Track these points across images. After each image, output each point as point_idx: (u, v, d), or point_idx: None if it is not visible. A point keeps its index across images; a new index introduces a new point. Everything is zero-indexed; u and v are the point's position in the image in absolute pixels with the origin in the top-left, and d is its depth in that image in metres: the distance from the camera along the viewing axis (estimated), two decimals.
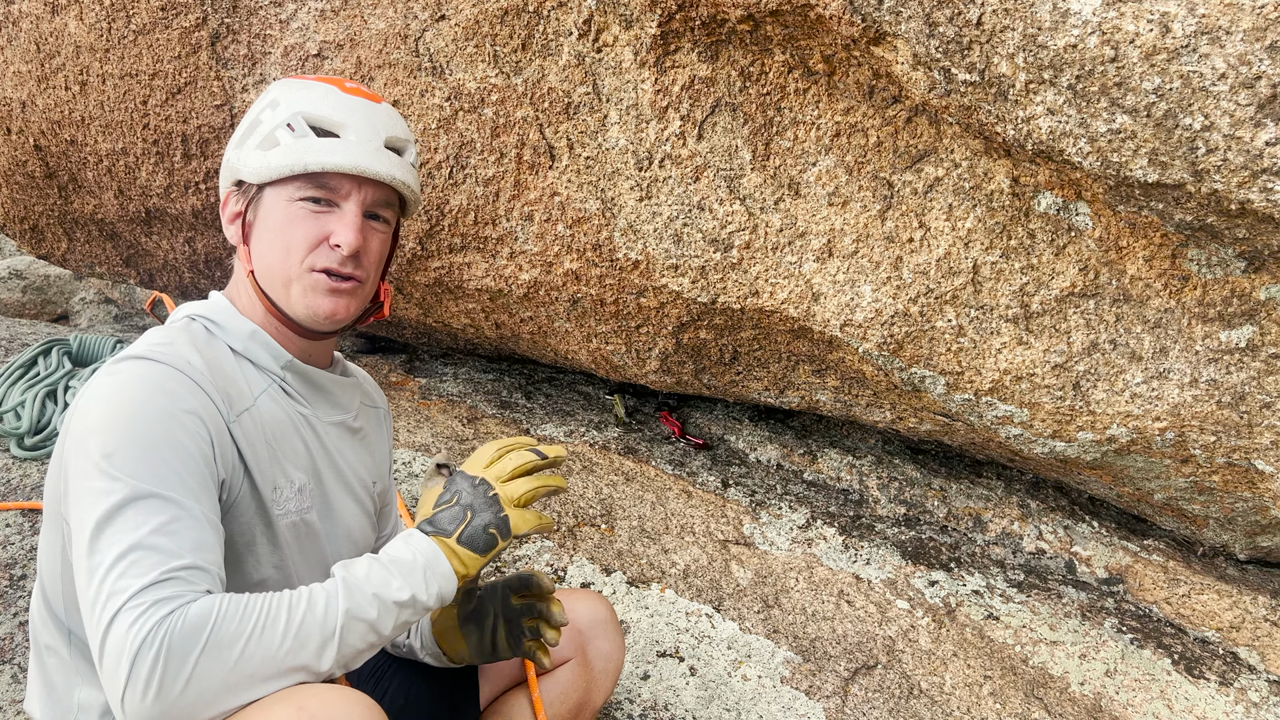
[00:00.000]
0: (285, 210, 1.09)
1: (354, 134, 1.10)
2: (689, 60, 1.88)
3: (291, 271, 1.10)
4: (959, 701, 1.87)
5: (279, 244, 1.10)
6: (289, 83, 1.15)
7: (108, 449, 0.90)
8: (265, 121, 1.10)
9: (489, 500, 1.06)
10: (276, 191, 1.10)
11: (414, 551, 1.00)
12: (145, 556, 0.86)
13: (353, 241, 1.09)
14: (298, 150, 1.08)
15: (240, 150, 1.12)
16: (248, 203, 1.13)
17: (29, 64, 2.63)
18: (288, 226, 1.09)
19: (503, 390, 3.28)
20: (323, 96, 1.12)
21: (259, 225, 1.12)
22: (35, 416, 2.35)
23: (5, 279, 4.99)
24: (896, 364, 2.01)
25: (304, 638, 0.89)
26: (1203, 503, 2.10)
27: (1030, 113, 1.47)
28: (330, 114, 1.10)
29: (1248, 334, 1.68)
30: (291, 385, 1.14)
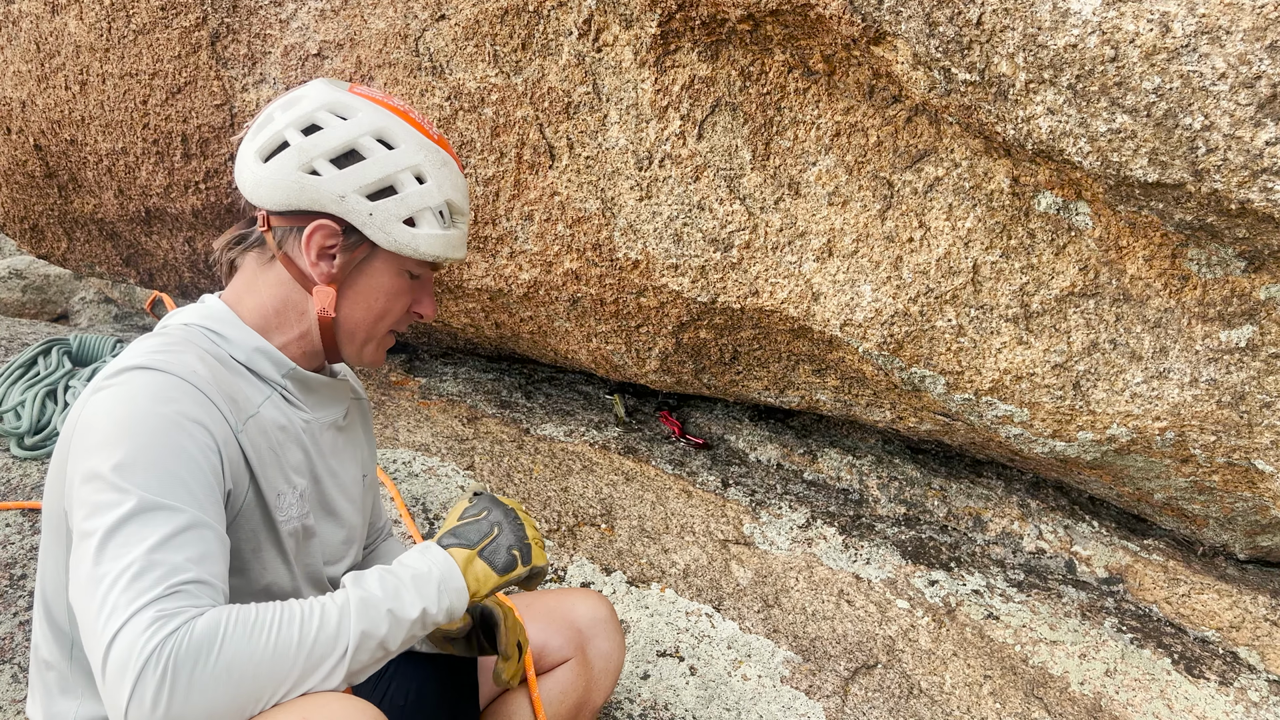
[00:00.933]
0: (395, 281, 1.15)
1: (464, 222, 1.20)
2: (689, 60, 1.88)
3: (377, 333, 1.17)
4: (959, 701, 1.87)
5: (377, 308, 1.15)
6: (420, 140, 1.12)
7: (114, 460, 0.89)
8: (410, 194, 1.10)
9: (517, 524, 1.11)
10: (391, 259, 1.13)
11: (429, 564, 1.01)
12: (150, 570, 0.85)
13: (434, 314, 1.23)
14: (446, 244, 1.15)
15: (373, 205, 1.08)
16: (352, 253, 1.11)
17: (29, 64, 2.63)
18: (395, 297, 1.16)
19: (503, 390, 3.28)
20: (455, 180, 1.16)
21: (360, 280, 1.13)
22: (35, 416, 2.35)
23: (5, 278, 4.99)
24: (896, 364, 2.01)
25: (317, 656, 0.89)
26: (1203, 502, 2.10)
27: (1030, 112, 1.47)
28: (462, 203, 1.17)
29: (1248, 334, 1.68)
30: (291, 392, 1.14)
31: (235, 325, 1.10)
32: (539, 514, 2.31)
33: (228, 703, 0.83)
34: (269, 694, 0.86)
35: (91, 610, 0.85)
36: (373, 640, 0.93)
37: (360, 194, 1.08)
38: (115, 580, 0.84)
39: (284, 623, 0.89)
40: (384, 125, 1.10)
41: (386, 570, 0.99)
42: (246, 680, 0.84)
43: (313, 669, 0.88)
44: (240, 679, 0.84)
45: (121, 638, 0.82)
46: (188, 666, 0.82)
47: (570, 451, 2.75)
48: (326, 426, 1.20)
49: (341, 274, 1.11)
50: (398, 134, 1.10)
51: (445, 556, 1.03)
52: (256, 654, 0.85)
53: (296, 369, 1.14)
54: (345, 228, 1.09)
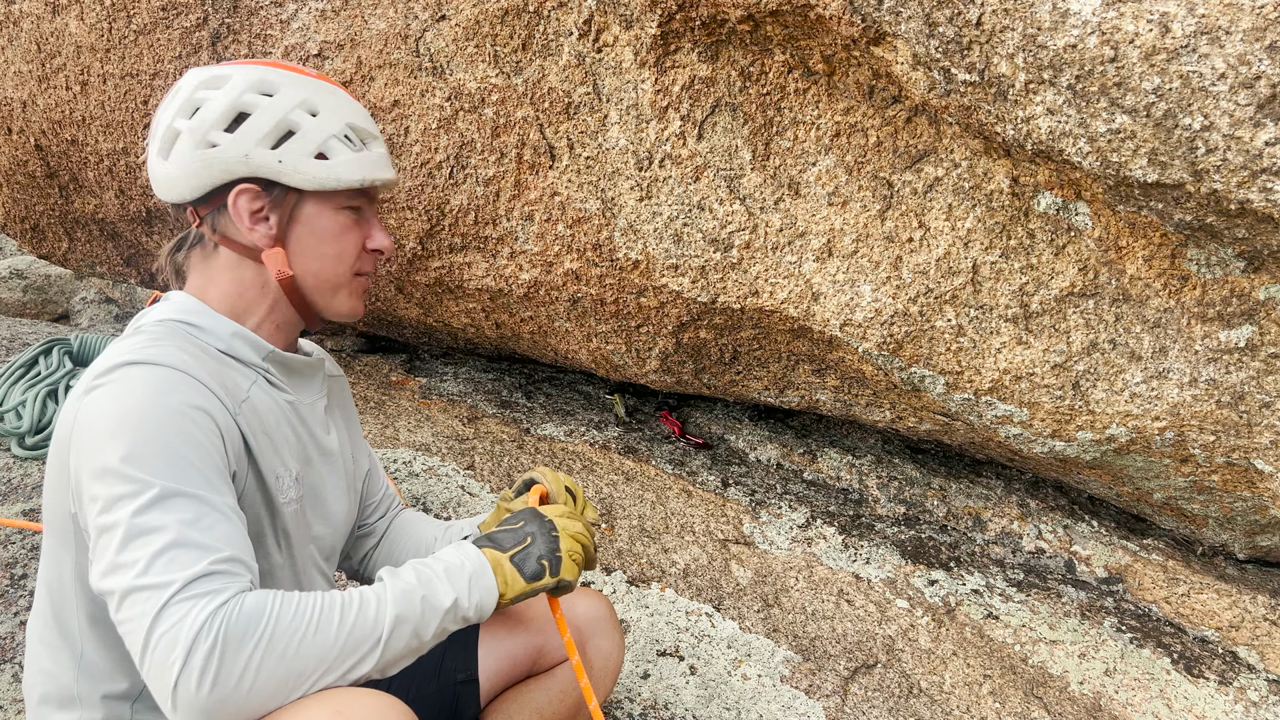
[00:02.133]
0: (335, 219, 1.13)
1: (380, 145, 1.18)
2: (689, 60, 1.88)
3: (342, 278, 1.16)
4: (959, 700, 1.87)
5: (331, 252, 1.14)
6: (299, 80, 1.12)
7: (123, 453, 0.89)
8: (309, 128, 1.09)
9: (551, 538, 1.13)
10: (322, 200, 1.12)
11: (463, 558, 1.04)
12: (184, 552, 0.86)
13: (390, 245, 1.19)
14: (364, 165, 1.13)
15: (278, 153, 1.08)
16: (281, 207, 1.10)
17: (30, 64, 2.63)
18: (342, 235, 1.15)
19: (503, 390, 3.28)
20: (350, 104, 1.15)
21: (301, 230, 1.12)
22: (36, 416, 2.35)
23: (6, 279, 4.99)
24: (896, 363, 2.01)
25: (356, 640, 0.91)
26: (1202, 502, 2.10)
27: (1030, 113, 1.47)
28: (365, 124, 1.16)
29: (1247, 334, 1.68)
30: (274, 375, 1.14)
31: (208, 315, 1.10)
32: None
33: (274, 681, 0.85)
34: (311, 676, 0.87)
35: (128, 595, 0.85)
36: (407, 627, 0.95)
37: (262, 146, 1.08)
38: (149, 564, 0.85)
39: (326, 607, 0.90)
40: (259, 78, 1.10)
41: (421, 562, 1.02)
42: (291, 659, 0.85)
43: (351, 652, 0.90)
44: (287, 658, 0.85)
45: (166, 616, 0.83)
46: (237, 641, 0.83)
47: (570, 451, 2.75)
48: (312, 406, 1.22)
49: (281, 231, 1.11)
50: (274, 81, 1.10)
51: (478, 554, 1.06)
52: (301, 634, 0.87)
53: (275, 351, 1.14)
54: (264, 184, 1.09)
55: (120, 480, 0.88)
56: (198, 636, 0.81)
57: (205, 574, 0.86)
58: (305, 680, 0.87)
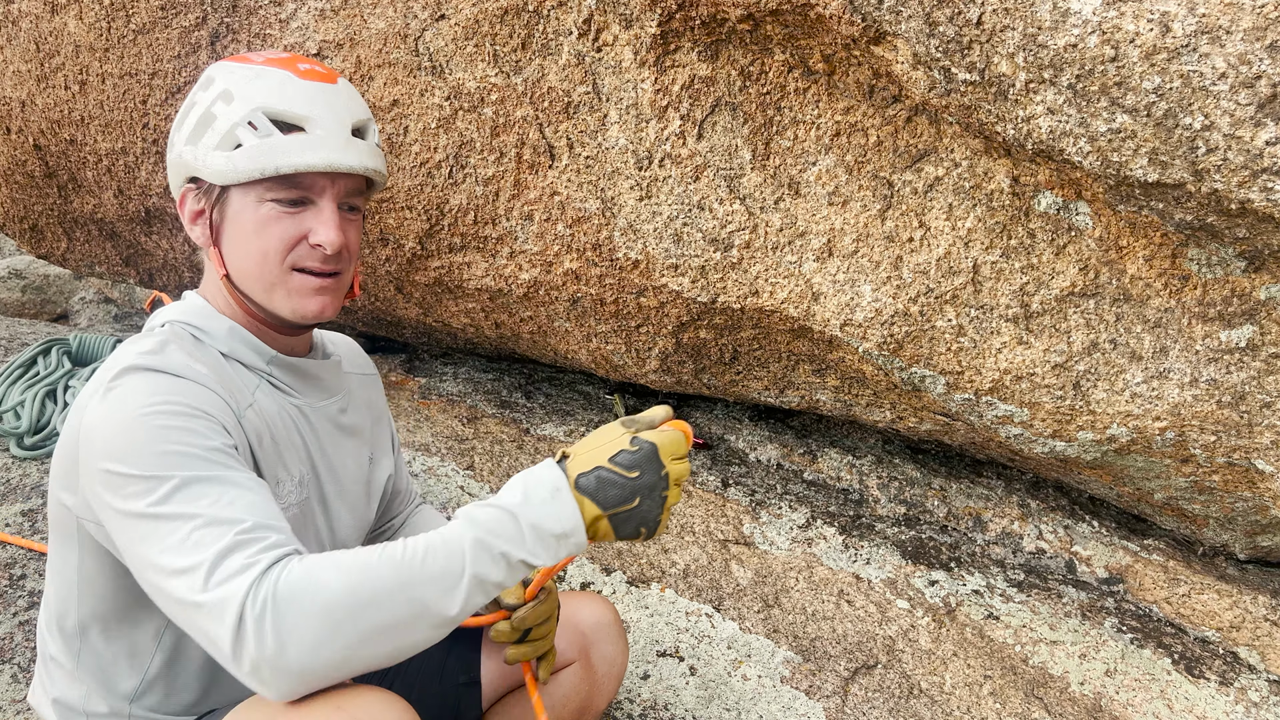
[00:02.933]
0: (256, 213, 1.04)
1: (320, 127, 1.04)
2: (689, 60, 1.88)
3: (272, 276, 1.06)
4: (959, 701, 1.87)
5: (254, 249, 1.05)
6: (235, 68, 1.06)
7: (131, 456, 0.89)
8: (220, 117, 1.02)
9: (659, 500, 1.00)
10: (244, 192, 1.04)
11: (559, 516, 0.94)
12: (211, 530, 0.85)
13: (335, 240, 1.06)
14: (265, 152, 1.01)
15: (195, 148, 1.04)
16: (211, 203, 1.07)
17: (29, 63, 2.63)
18: (262, 230, 1.04)
19: (503, 390, 3.28)
20: (280, 86, 1.04)
21: (228, 227, 1.06)
22: (35, 416, 2.35)
23: (5, 278, 4.99)
24: (896, 363, 2.00)
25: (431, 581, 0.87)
26: (1203, 502, 2.10)
27: (1030, 112, 1.47)
28: (292, 106, 1.03)
29: (1248, 334, 1.68)
30: (279, 379, 1.13)
31: (211, 316, 1.10)
32: None
33: (337, 639, 0.83)
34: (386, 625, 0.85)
35: (167, 582, 0.85)
36: (480, 583, 0.90)
37: (190, 143, 1.05)
38: (183, 543, 0.85)
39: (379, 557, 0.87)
40: (210, 74, 1.07)
41: (506, 513, 0.93)
42: (357, 614, 0.83)
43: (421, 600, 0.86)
44: (345, 613, 0.83)
45: (214, 588, 0.82)
46: (285, 602, 0.81)
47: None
48: (324, 411, 1.20)
49: (215, 230, 1.07)
50: (215, 73, 1.06)
51: (575, 512, 0.94)
52: (355, 587, 0.84)
53: (278, 355, 1.12)
54: (197, 183, 1.07)
55: (134, 481, 0.88)
56: (245, 605, 0.81)
57: (243, 542, 0.85)
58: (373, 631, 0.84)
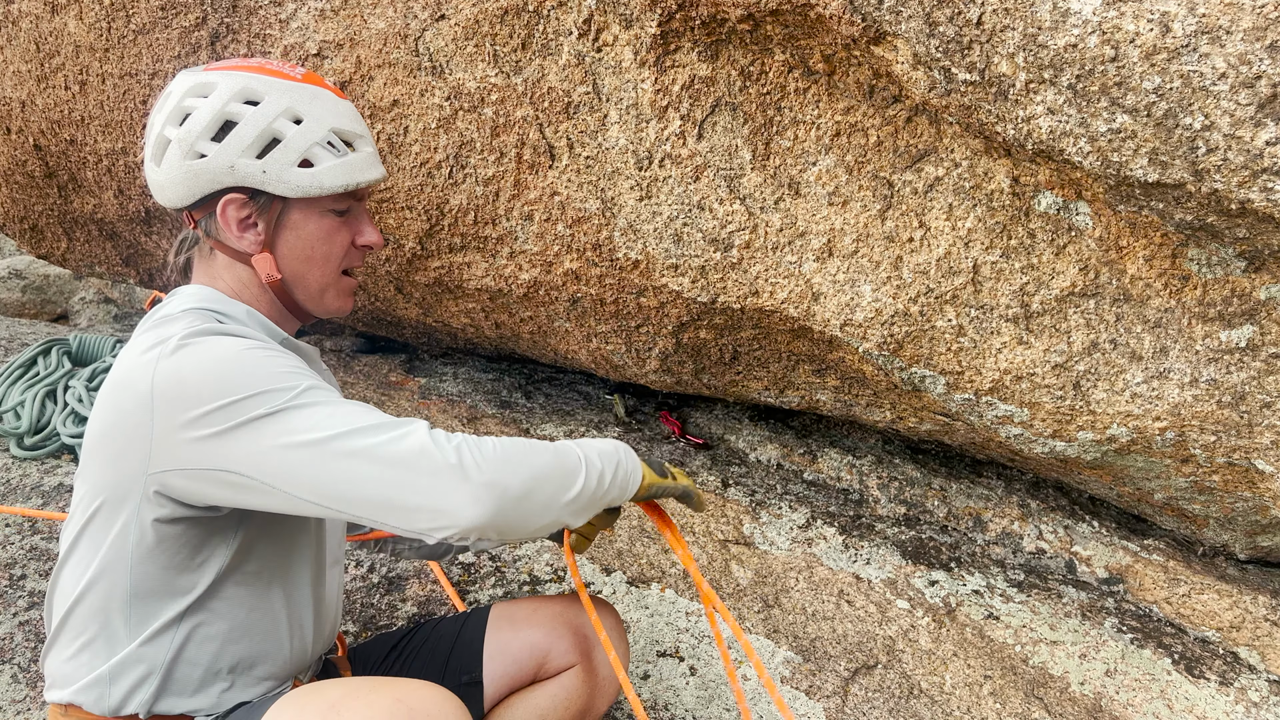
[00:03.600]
0: (320, 223, 1.16)
1: (367, 144, 1.19)
2: (689, 60, 1.88)
3: (329, 278, 1.19)
4: (959, 701, 1.87)
5: (317, 255, 1.17)
6: (285, 87, 1.12)
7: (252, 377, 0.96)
8: (292, 137, 1.10)
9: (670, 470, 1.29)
10: (308, 205, 1.14)
11: (607, 442, 1.18)
12: (363, 407, 0.97)
13: (380, 240, 1.22)
14: (348, 170, 1.14)
15: (261, 162, 1.09)
16: (269, 214, 1.13)
17: (29, 63, 2.63)
18: (329, 238, 1.17)
19: (503, 390, 3.28)
20: (336, 107, 1.15)
21: (287, 235, 1.14)
22: (35, 416, 2.35)
23: (5, 279, 4.99)
24: (896, 364, 2.00)
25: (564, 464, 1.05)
26: (1203, 502, 2.10)
27: (1030, 112, 1.47)
28: (352, 126, 1.17)
29: (1248, 334, 1.68)
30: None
31: (228, 302, 1.14)
32: None
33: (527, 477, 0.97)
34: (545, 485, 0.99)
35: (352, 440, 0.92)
36: (594, 469, 1.08)
37: (247, 156, 1.09)
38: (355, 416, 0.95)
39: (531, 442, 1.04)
40: (244, 86, 1.10)
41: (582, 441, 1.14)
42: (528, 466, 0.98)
43: (565, 473, 1.03)
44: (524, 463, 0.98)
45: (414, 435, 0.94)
46: (479, 442, 0.96)
47: None
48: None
49: (269, 237, 1.14)
50: (259, 89, 1.11)
51: (620, 442, 1.20)
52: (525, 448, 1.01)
53: (288, 338, 1.19)
54: (250, 193, 1.11)
55: (257, 398, 0.94)
56: (441, 446, 0.93)
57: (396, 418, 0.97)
58: (544, 485, 0.99)
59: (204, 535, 1.04)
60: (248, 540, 1.08)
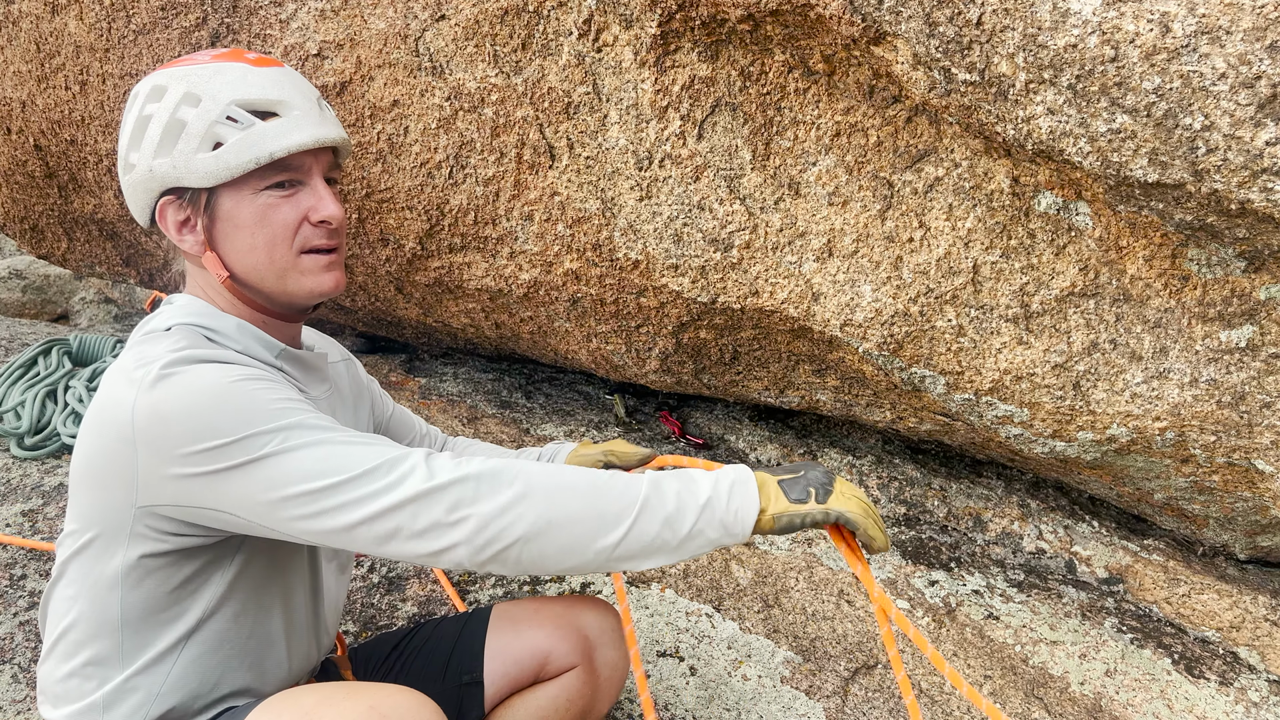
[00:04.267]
0: (254, 205, 1.05)
1: (294, 108, 1.06)
2: (689, 60, 1.88)
3: (284, 262, 1.08)
4: (959, 701, 1.87)
5: (261, 240, 1.06)
6: (187, 71, 1.04)
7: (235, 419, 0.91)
8: (192, 120, 1.02)
9: (827, 475, 1.09)
10: (235, 189, 1.05)
11: (723, 468, 1.05)
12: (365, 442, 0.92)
13: (338, 213, 1.09)
14: (254, 142, 1.03)
15: (170, 158, 1.03)
16: (198, 209, 1.06)
17: (29, 64, 2.63)
18: (265, 220, 1.06)
19: (503, 390, 3.28)
20: (243, 77, 1.05)
21: (223, 227, 1.06)
22: (35, 416, 2.35)
23: (5, 279, 4.99)
24: (896, 364, 2.00)
25: (606, 504, 0.94)
26: (1203, 502, 2.10)
27: (1030, 112, 1.47)
28: (264, 93, 1.05)
29: (1248, 334, 1.68)
30: (289, 371, 1.14)
31: (217, 315, 1.09)
32: None
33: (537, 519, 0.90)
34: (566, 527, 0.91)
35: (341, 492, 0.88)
36: (658, 513, 0.96)
37: (161, 155, 1.03)
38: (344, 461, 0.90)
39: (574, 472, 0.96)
40: (155, 83, 1.05)
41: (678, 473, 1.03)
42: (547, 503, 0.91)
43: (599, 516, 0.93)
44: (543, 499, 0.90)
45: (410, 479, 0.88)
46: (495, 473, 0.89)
47: None
48: (324, 404, 1.22)
49: (208, 235, 1.07)
50: (163, 82, 1.04)
51: (740, 466, 1.05)
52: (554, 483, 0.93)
53: (286, 349, 1.14)
54: (178, 193, 1.06)
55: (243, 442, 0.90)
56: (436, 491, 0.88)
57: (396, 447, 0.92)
58: (562, 532, 0.90)
59: (197, 565, 1.02)
60: (243, 566, 1.05)
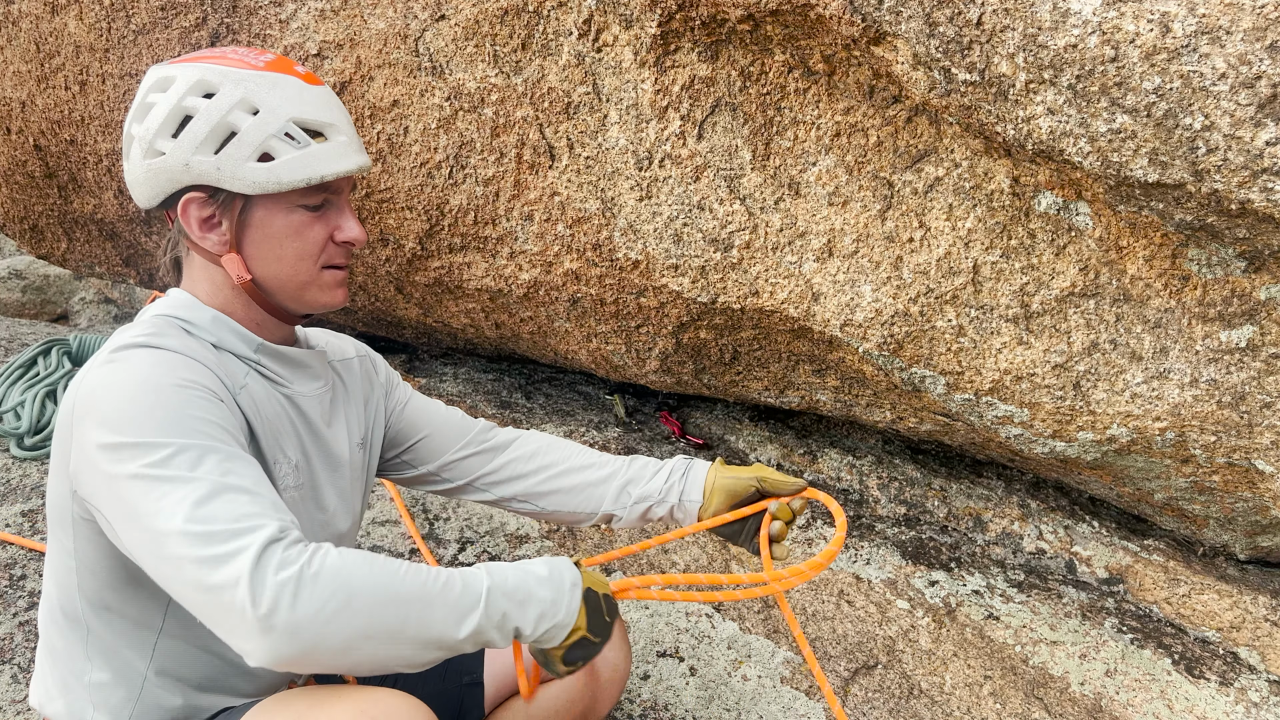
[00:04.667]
0: (288, 219, 1.08)
1: (341, 133, 1.10)
2: (689, 60, 1.88)
3: (307, 276, 1.11)
4: (959, 701, 1.87)
5: (290, 252, 1.09)
6: (242, 76, 1.04)
7: (133, 423, 0.90)
8: (246, 129, 1.03)
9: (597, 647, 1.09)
10: (273, 200, 1.07)
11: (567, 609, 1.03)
12: (229, 495, 0.87)
13: (362, 236, 1.13)
14: (309, 162, 1.05)
15: (216, 159, 1.03)
16: (232, 212, 1.07)
17: (29, 64, 2.63)
18: (299, 235, 1.09)
19: (503, 390, 3.28)
20: (300, 95, 1.07)
21: (254, 234, 1.08)
22: (35, 416, 2.35)
23: (5, 279, 4.99)
24: (896, 364, 2.00)
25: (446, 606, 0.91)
26: (1203, 503, 2.10)
27: (1030, 112, 1.47)
28: (318, 115, 1.08)
29: (1248, 334, 1.68)
30: (267, 367, 1.14)
31: (198, 309, 1.10)
32: None
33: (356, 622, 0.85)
34: (396, 631, 0.87)
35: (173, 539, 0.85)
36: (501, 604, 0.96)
37: (202, 152, 1.03)
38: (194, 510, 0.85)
39: (415, 570, 0.91)
40: (200, 78, 1.04)
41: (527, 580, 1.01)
42: (374, 604, 0.86)
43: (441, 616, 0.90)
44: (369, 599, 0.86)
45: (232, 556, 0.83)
46: (320, 573, 0.84)
47: None
48: (313, 402, 1.20)
49: (234, 236, 1.08)
50: (214, 80, 1.04)
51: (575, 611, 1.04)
52: (386, 582, 0.88)
53: (265, 344, 1.13)
54: (211, 191, 1.06)
55: (137, 449, 0.88)
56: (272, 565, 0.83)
57: (261, 518, 0.87)
58: (382, 631, 0.87)
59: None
60: None
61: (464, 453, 1.43)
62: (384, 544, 2.12)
